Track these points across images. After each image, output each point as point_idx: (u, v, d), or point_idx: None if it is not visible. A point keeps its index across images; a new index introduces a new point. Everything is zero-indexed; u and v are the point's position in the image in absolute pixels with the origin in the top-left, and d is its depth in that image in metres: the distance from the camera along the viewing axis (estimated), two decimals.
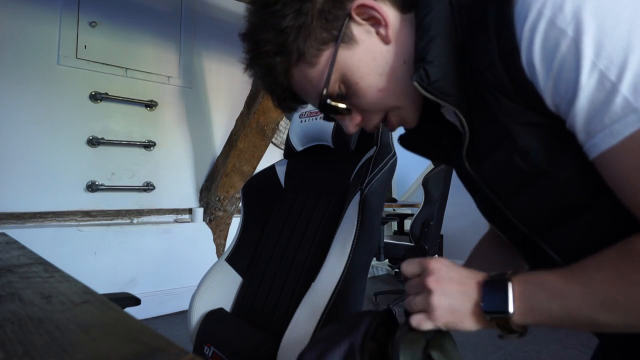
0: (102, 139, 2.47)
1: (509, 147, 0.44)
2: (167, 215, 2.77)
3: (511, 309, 0.41)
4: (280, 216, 1.16)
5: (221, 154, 2.87)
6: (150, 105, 2.68)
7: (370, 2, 0.48)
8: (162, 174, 2.75)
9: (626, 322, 0.38)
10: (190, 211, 2.86)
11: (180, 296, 2.61)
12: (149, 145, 2.67)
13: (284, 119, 3.10)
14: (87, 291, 0.49)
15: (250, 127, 2.58)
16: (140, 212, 2.65)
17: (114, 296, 1.00)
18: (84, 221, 2.42)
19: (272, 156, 3.00)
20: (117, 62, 2.55)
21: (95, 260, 2.35)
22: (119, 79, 2.56)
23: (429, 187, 2.68)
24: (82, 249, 2.31)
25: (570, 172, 0.42)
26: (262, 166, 1.97)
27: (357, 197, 0.89)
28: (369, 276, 3.57)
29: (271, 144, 2.96)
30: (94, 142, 2.45)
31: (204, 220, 2.86)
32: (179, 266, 2.65)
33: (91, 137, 2.44)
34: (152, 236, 2.57)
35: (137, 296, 1.03)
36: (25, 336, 0.34)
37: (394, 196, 4.43)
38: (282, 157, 1.27)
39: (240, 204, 1.50)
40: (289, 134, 1.21)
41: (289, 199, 1.17)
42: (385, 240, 2.84)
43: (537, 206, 0.45)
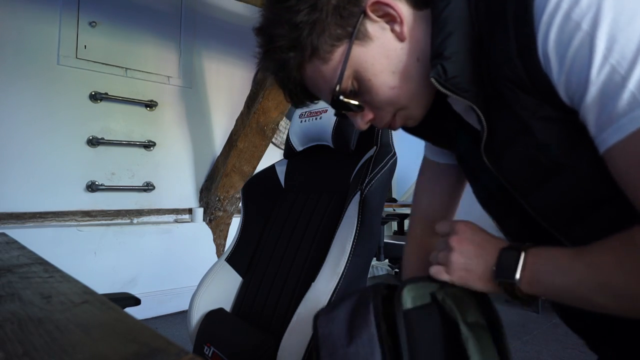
0: (102, 139, 2.47)
1: (528, 142, 0.44)
2: (167, 215, 2.77)
3: (517, 276, 0.44)
4: (280, 216, 1.16)
5: (221, 154, 2.87)
6: (150, 105, 2.68)
7: None
8: (162, 174, 2.75)
9: (619, 306, 0.39)
10: (190, 211, 2.86)
11: (180, 296, 2.61)
12: (149, 145, 2.67)
13: (284, 119, 3.10)
14: (87, 291, 0.49)
15: (250, 127, 2.58)
16: (140, 212, 2.65)
17: (114, 296, 1.00)
18: (83, 221, 2.42)
19: (272, 156, 3.00)
20: (117, 62, 2.55)
21: (95, 260, 2.35)
22: (119, 79, 2.56)
23: None
24: (82, 249, 2.31)
25: (590, 166, 0.42)
26: (262, 166, 1.97)
27: (357, 197, 0.89)
28: (369, 276, 3.57)
29: (271, 144, 2.96)
30: (94, 142, 2.45)
31: (204, 220, 2.86)
32: (179, 266, 2.65)
33: (91, 137, 2.44)
34: (152, 236, 2.57)
35: (137, 296, 1.03)
36: (25, 336, 0.34)
37: (394, 196, 4.43)
38: (282, 157, 1.27)
39: (240, 204, 1.50)
40: (289, 134, 1.21)
41: (289, 199, 1.17)
42: (385, 240, 2.85)
43: (557, 200, 0.45)
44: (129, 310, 0.54)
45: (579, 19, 0.37)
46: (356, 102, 0.53)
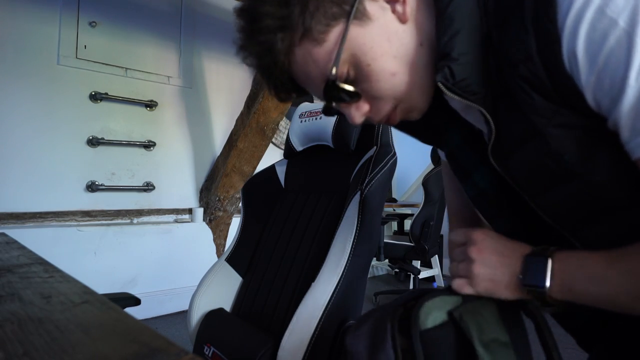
0: (102, 139, 2.47)
1: (540, 148, 0.41)
2: (167, 215, 2.77)
3: (547, 284, 0.42)
4: (280, 216, 1.16)
5: (221, 154, 2.87)
6: (150, 105, 2.68)
7: None
8: (162, 174, 2.75)
9: None
10: (190, 211, 2.86)
11: (180, 296, 2.61)
12: (149, 145, 2.67)
13: (284, 119, 3.10)
14: (87, 291, 0.49)
15: (250, 127, 2.58)
16: (140, 212, 2.65)
17: (114, 296, 1.00)
18: (84, 221, 2.42)
19: (272, 156, 3.00)
20: (117, 62, 2.55)
21: (95, 260, 2.35)
22: (119, 79, 2.56)
23: (429, 187, 2.68)
24: (82, 249, 2.31)
25: (606, 176, 0.39)
26: (262, 166, 1.97)
27: (357, 197, 0.89)
28: (369, 276, 3.57)
29: (271, 144, 2.96)
30: (94, 142, 2.45)
31: (204, 220, 2.85)
32: (179, 266, 2.65)
33: (91, 137, 2.44)
34: (152, 236, 2.57)
35: (137, 296, 1.03)
36: (25, 336, 0.34)
37: (394, 196, 4.43)
38: (282, 157, 1.27)
39: (240, 204, 1.50)
40: (289, 134, 1.21)
41: (289, 199, 1.17)
42: (385, 240, 2.84)
43: (568, 204, 0.43)
44: (129, 310, 0.54)
45: (614, 15, 0.34)
46: (352, 88, 0.47)
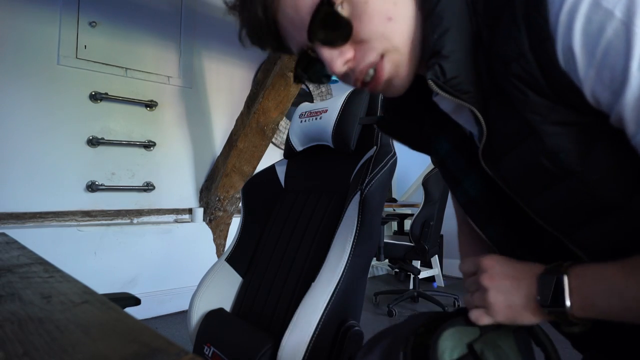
0: (102, 139, 2.47)
1: (534, 147, 0.40)
2: (167, 215, 2.77)
3: (568, 303, 0.40)
4: (280, 216, 1.16)
5: (221, 154, 2.87)
6: (150, 105, 2.68)
7: None
8: (162, 174, 2.75)
9: None
10: (190, 211, 2.86)
11: (180, 296, 2.61)
12: (149, 145, 2.67)
13: (284, 119, 3.10)
14: (87, 291, 0.49)
15: (250, 127, 2.58)
16: (140, 212, 2.65)
17: (114, 296, 1.00)
18: (84, 221, 2.42)
19: (272, 156, 3.00)
20: (117, 62, 2.55)
21: (95, 260, 2.35)
22: (119, 79, 2.56)
23: (429, 187, 2.68)
24: (82, 249, 2.31)
25: (603, 174, 0.39)
26: (262, 166, 1.97)
27: (357, 197, 0.89)
28: (369, 276, 3.57)
29: (271, 144, 2.96)
30: (93, 142, 2.45)
31: (204, 220, 2.85)
32: (179, 266, 2.65)
33: (91, 137, 2.44)
34: (152, 236, 2.57)
35: (137, 296, 1.02)
36: (25, 336, 0.34)
37: (394, 196, 4.43)
38: (282, 157, 1.27)
39: (240, 204, 1.50)
40: (289, 134, 1.22)
41: (289, 199, 1.17)
42: (385, 240, 2.84)
43: (564, 206, 0.42)
44: (129, 310, 0.54)
45: (610, 7, 0.33)
46: (347, 15, 0.43)
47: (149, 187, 2.67)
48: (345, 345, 0.83)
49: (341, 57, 0.45)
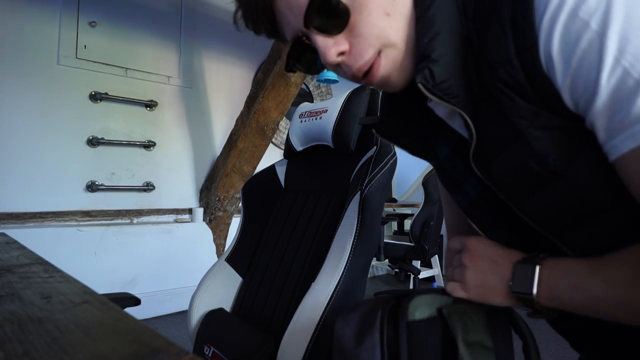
0: (102, 139, 2.47)
1: (523, 151, 0.41)
2: (167, 215, 2.77)
3: (535, 291, 0.43)
4: (280, 216, 1.16)
5: (221, 154, 2.87)
6: (150, 105, 2.68)
7: None
8: (162, 174, 2.75)
9: None
10: (190, 211, 2.86)
11: (180, 296, 2.61)
12: (148, 145, 2.67)
13: (284, 119, 3.10)
14: (87, 291, 0.49)
15: (250, 127, 2.58)
16: (140, 212, 2.65)
17: (114, 296, 1.00)
18: (83, 221, 2.42)
19: (272, 156, 3.00)
20: (117, 62, 2.55)
21: (95, 260, 2.35)
22: (119, 79, 2.56)
23: (429, 187, 2.68)
24: (82, 249, 2.31)
25: (590, 177, 0.39)
26: (262, 166, 1.97)
27: (357, 197, 0.89)
28: (369, 276, 3.57)
29: (271, 144, 2.96)
30: (93, 142, 2.45)
31: (204, 220, 2.86)
32: (179, 266, 2.65)
33: (91, 137, 2.44)
34: (152, 236, 2.57)
35: (137, 296, 1.03)
36: (25, 336, 0.34)
37: (394, 196, 4.43)
38: (282, 157, 1.27)
39: (240, 204, 1.50)
40: (289, 134, 1.22)
41: (289, 199, 1.17)
42: (385, 240, 2.84)
43: (552, 207, 0.43)
44: (129, 310, 0.54)
45: (587, 17, 0.34)
46: (346, 5, 0.43)
47: (149, 187, 2.67)
48: None
49: (335, 47, 0.44)
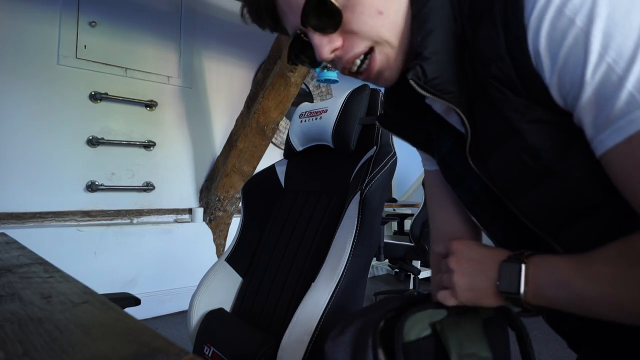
0: (102, 139, 2.47)
1: (517, 145, 0.41)
2: (167, 215, 2.77)
3: (522, 290, 0.43)
4: (280, 216, 1.16)
5: (221, 154, 2.87)
6: (150, 105, 2.68)
7: None
8: (162, 174, 2.75)
9: (626, 316, 0.38)
10: (190, 211, 2.86)
11: (180, 296, 2.61)
12: (148, 145, 2.67)
13: (284, 119, 3.10)
14: (87, 291, 0.49)
15: (250, 127, 2.58)
16: (140, 212, 2.65)
17: (114, 296, 1.00)
18: (83, 221, 2.42)
19: (272, 156, 3.00)
20: (117, 62, 2.55)
21: (95, 260, 2.35)
22: (119, 79, 2.56)
23: None
24: (82, 249, 2.31)
25: (583, 172, 0.40)
26: (262, 166, 1.97)
27: (357, 197, 0.89)
28: (369, 276, 3.57)
29: (271, 144, 2.96)
30: (93, 142, 2.45)
31: (204, 220, 2.85)
32: (179, 266, 2.65)
33: (91, 137, 2.44)
34: (152, 236, 2.57)
35: (137, 296, 1.03)
36: (25, 336, 0.34)
37: (394, 196, 4.42)
38: (282, 157, 1.27)
39: (240, 204, 1.50)
40: (289, 134, 1.22)
41: (289, 199, 1.17)
42: (385, 240, 2.84)
43: (547, 204, 0.43)
44: (129, 310, 0.54)
45: (572, 15, 0.35)
46: (339, 6, 0.44)
47: (148, 187, 2.67)
48: None
49: (329, 45, 0.46)
